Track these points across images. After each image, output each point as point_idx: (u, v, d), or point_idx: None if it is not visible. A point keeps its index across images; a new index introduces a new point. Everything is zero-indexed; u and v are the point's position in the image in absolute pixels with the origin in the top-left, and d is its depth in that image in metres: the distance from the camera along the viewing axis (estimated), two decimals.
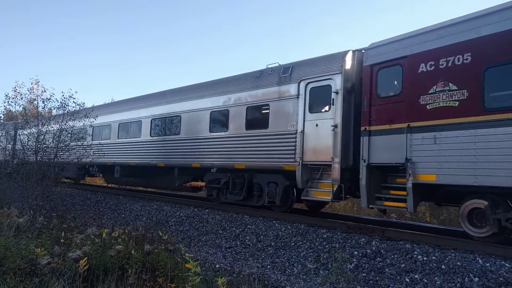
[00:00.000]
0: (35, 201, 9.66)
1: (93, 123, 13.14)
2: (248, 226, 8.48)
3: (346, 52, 8.29)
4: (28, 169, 10.11)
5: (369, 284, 5.54)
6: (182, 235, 9.04)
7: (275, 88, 9.38)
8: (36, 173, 9.99)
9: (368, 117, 7.56)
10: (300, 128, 8.63)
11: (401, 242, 6.44)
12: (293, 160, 8.65)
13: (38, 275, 4.43)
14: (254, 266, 6.63)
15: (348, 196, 8.39)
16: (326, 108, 8.31)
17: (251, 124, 9.84)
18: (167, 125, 12.60)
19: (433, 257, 5.66)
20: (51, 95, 11.36)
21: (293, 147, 8.68)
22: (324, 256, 6.56)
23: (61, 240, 5.77)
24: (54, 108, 11.71)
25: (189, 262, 4.36)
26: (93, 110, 13.24)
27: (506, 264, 5.16)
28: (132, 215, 11.29)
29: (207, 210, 10.22)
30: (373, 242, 6.51)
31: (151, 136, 13.10)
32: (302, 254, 6.85)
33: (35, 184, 9.89)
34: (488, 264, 5.21)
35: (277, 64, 9.95)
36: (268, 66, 10.15)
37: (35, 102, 11.65)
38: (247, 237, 8.06)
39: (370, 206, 7.40)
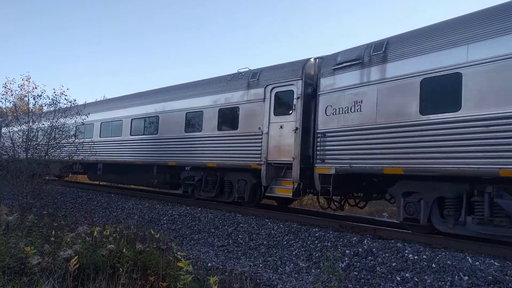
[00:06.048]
0: (25, 198, 9.55)
1: None
2: (241, 225, 8.48)
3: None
4: (19, 167, 10.00)
5: (361, 283, 5.57)
6: (174, 233, 9.01)
7: None
8: (27, 170, 9.88)
9: None
10: None
11: (392, 241, 6.48)
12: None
13: (27, 274, 4.38)
14: (246, 265, 6.63)
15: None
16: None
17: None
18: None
19: (423, 256, 5.71)
20: (42, 92, 11.29)
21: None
22: (316, 255, 6.58)
23: (52, 239, 5.72)
24: (45, 105, 11.60)
25: (181, 260, 4.34)
26: None
27: (495, 263, 5.22)
28: (124, 214, 11.22)
29: (199, 209, 10.19)
30: (365, 241, 6.55)
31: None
32: (294, 253, 6.86)
33: (25, 181, 9.78)
34: (477, 263, 5.27)
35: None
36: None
37: (26, 98, 11.55)
38: (240, 236, 8.05)
39: None
